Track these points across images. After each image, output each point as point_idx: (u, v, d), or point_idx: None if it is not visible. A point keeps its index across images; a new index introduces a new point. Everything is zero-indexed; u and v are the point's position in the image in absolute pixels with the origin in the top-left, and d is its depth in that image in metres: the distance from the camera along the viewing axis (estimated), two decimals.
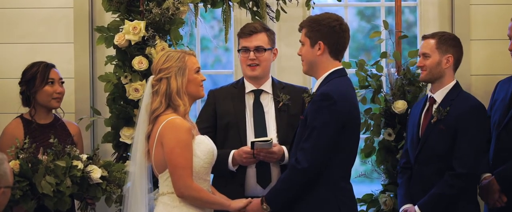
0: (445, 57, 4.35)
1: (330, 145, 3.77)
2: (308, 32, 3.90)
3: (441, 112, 4.27)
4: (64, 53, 5.11)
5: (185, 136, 3.68)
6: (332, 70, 3.90)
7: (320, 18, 3.92)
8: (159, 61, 3.79)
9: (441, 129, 4.24)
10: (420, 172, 4.31)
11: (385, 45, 5.02)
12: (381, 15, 5.31)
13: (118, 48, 4.59)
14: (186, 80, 3.76)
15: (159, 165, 3.77)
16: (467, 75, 5.11)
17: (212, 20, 5.44)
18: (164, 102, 3.75)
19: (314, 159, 3.76)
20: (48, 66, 4.51)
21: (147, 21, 4.52)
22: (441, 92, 4.36)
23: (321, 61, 3.90)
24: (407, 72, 4.83)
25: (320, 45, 3.87)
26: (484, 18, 5.19)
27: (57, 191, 4.03)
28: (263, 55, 4.35)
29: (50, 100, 4.48)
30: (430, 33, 4.45)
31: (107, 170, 4.22)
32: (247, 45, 4.36)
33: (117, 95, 4.61)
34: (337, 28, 3.88)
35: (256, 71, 4.36)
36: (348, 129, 3.83)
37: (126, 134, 4.55)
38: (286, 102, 4.35)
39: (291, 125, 4.26)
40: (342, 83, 3.87)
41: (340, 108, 3.76)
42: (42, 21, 5.15)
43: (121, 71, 4.57)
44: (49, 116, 4.55)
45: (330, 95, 3.76)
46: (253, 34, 4.35)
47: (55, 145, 4.11)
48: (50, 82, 4.48)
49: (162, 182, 3.78)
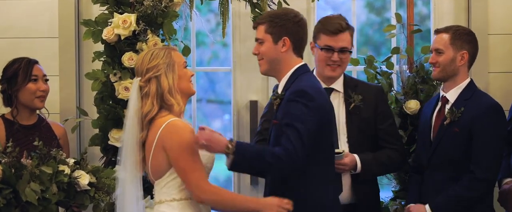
0: (460, 54, 4.27)
1: (311, 142, 3.64)
2: (270, 28, 3.79)
3: (454, 113, 4.20)
4: (48, 48, 5.06)
5: (190, 138, 3.62)
6: (296, 67, 3.80)
7: (282, 12, 3.85)
8: (144, 61, 3.73)
9: (455, 132, 4.19)
10: (433, 177, 4.26)
11: (396, 40, 5.01)
12: (391, 7, 5.24)
13: (107, 43, 4.52)
14: (176, 76, 3.72)
15: (157, 172, 3.70)
16: (485, 73, 5.03)
17: (208, 13, 5.37)
18: (156, 104, 3.69)
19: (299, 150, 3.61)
20: (31, 62, 4.45)
21: (138, 14, 4.45)
22: (454, 91, 4.29)
23: (285, 59, 3.79)
24: (420, 69, 4.78)
25: (285, 41, 3.77)
26: (504, 11, 5.12)
27: (42, 199, 3.97)
28: (347, 57, 4.28)
29: (33, 99, 4.43)
30: (443, 27, 4.37)
31: (96, 176, 4.17)
32: (332, 44, 4.24)
33: (105, 94, 4.53)
34: (300, 23, 3.81)
35: (337, 72, 4.29)
36: (326, 127, 3.76)
37: (115, 136, 4.47)
38: (358, 103, 4.27)
39: (362, 131, 4.25)
40: (311, 78, 3.80)
41: (317, 105, 3.67)
42: (24, 13, 5.09)
43: (110, 68, 4.50)
44: (32, 116, 4.50)
45: (306, 91, 3.66)
46: (339, 33, 4.23)
47: (39, 148, 4.03)
48: (33, 79, 4.43)
49: (158, 189, 3.71)
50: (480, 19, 5.06)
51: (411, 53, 4.83)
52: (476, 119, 4.14)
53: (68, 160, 4.12)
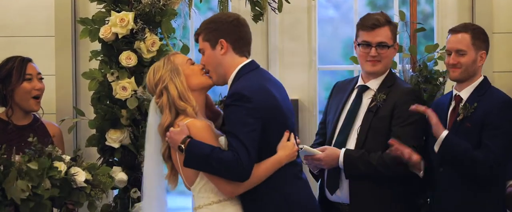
0: (480, 54, 4.24)
1: (259, 144, 3.62)
2: (206, 35, 3.79)
3: (467, 109, 4.15)
4: (44, 47, 5.05)
5: (207, 135, 3.66)
6: (240, 66, 3.78)
7: (215, 17, 3.86)
8: (150, 79, 3.80)
9: (467, 127, 4.13)
10: (447, 175, 4.19)
11: (398, 38, 4.91)
12: (394, 5, 5.21)
13: (104, 42, 4.52)
14: (183, 77, 3.75)
15: (189, 177, 3.74)
16: (489, 72, 4.97)
17: (207, 11, 5.32)
18: (172, 112, 3.73)
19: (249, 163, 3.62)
20: (24, 61, 4.44)
21: (136, 12, 4.45)
22: (468, 90, 4.24)
23: (226, 61, 3.78)
24: (423, 69, 4.72)
25: (222, 44, 3.76)
26: (508, 8, 5.10)
27: (33, 195, 3.93)
28: (386, 52, 4.27)
29: (29, 98, 4.41)
30: (459, 26, 4.29)
31: (92, 173, 4.13)
32: (369, 40, 4.26)
33: (102, 94, 4.53)
34: (235, 22, 3.79)
35: (377, 67, 4.28)
36: (275, 125, 3.71)
37: (113, 137, 4.47)
38: (380, 102, 4.25)
39: (374, 128, 4.20)
40: (252, 77, 3.74)
41: (256, 105, 3.61)
42: (20, 12, 5.08)
43: (107, 68, 4.50)
44: (27, 116, 4.48)
45: (241, 93, 3.63)
46: (375, 28, 4.25)
47: (34, 144, 4.01)
48: (28, 78, 4.41)
49: (196, 195, 3.75)
50: (484, 17, 5.04)
51: (415, 52, 4.79)
52: (489, 113, 4.11)
53: (64, 156, 4.10)
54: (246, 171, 3.58)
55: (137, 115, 4.42)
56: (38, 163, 3.94)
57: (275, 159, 3.69)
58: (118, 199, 4.49)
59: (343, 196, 4.20)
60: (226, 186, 3.63)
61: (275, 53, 5.13)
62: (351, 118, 4.26)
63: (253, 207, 3.71)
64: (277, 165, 3.69)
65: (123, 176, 4.40)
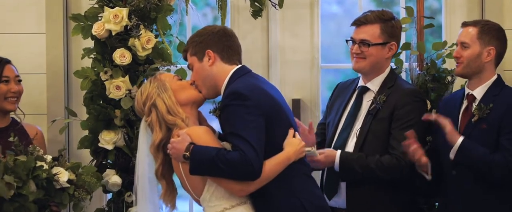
0: (487, 50, 4.20)
1: (262, 144, 3.63)
2: (192, 49, 3.84)
3: (483, 110, 4.13)
4: (35, 44, 5.08)
5: (209, 138, 3.68)
6: (232, 72, 3.80)
7: (200, 31, 3.90)
8: (138, 100, 3.85)
9: (482, 128, 4.11)
10: (460, 178, 4.16)
11: (405, 35, 4.96)
12: (400, 1, 5.20)
13: (97, 39, 4.52)
14: (171, 92, 3.80)
15: (196, 187, 3.74)
16: (500, 71, 4.84)
17: (205, 7, 5.42)
18: (163, 129, 3.78)
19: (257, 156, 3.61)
20: (2, 62, 4.48)
21: (130, 8, 4.46)
22: (481, 89, 4.22)
23: (215, 71, 3.81)
24: (431, 67, 4.68)
25: (209, 55, 3.80)
26: None
27: (18, 195, 3.98)
28: (369, 50, 4.28)
29: (3, 100, 4.44)
30: (472, 21, 4.31)
31: (75, 173, 4.19)
32: (353, 36, 4.34)
33: (95, 93, 4.54)
34: (221, 32, 3.84)
35: (360, 64, 4.30)
36: (278, 122, 3.71)
37: (106, 138, 4.47)
38: (379, 104, 4.26)
39: (373, 131, 4.21)
40: (246, 79, 3.76)
41: (255, 103, 3.63)
42: (9, 8, 5.08)
43: (100, 66, 4.50)
44: (5, 119, 4.52)
45: (238, 91, 3.65)
46: (361, 25, 4.31)
47: (15, 144, 4.06)
48: (4, 81, 4.45)
49: (206, 204, 3.75)
50: (494, 14, 5.01)
51: (423, 49, 4.77)
52: (506, 113, 4.09)
53: (45, 156, 4.12)
54: (254, 168, 3.57)
55: (132, 115, 4.40)
56: (26, 158, 3.98)
57: (284, 155, 3.69)
58: (112, 203, 4.48)
59: (341, 201, 4.21)
60: (235, 185, 3.61)
61: (276, 50, 5.12)
62: (351, 121, 4.28)
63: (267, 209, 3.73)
64: (287, 162, 3.69)
65: (117, 179, 4.40)
